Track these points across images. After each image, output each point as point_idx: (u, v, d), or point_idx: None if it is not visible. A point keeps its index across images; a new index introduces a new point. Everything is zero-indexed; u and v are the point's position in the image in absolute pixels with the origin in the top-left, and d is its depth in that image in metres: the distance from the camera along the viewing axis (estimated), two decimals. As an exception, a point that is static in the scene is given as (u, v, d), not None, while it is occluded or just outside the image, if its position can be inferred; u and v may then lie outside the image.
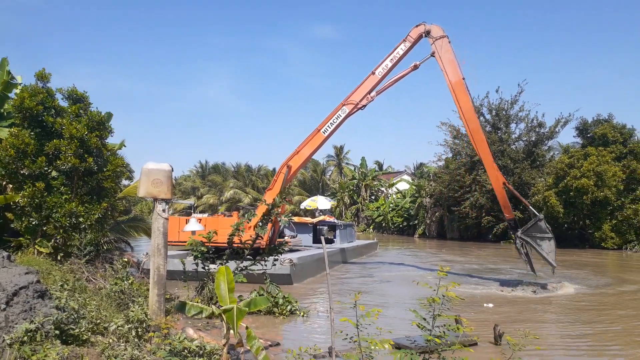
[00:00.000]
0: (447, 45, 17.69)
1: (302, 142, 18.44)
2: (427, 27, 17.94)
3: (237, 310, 6.94)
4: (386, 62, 18.27)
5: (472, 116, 17.98)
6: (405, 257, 28.21)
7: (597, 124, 34.07)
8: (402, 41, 18.27)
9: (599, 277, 18.91)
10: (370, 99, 18.41)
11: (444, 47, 17.65)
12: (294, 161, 18.28)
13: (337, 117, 18.33)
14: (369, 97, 18.35)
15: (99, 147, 12.62)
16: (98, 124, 12.76)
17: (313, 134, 18.42)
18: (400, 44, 18.28)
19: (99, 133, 12.70)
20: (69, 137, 11.89)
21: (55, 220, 11.63)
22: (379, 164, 69.13)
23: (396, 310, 12.33)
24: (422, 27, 18.00)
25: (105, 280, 11.14)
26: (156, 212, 8.93)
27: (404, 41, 18.21)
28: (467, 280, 17.84)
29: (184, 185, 77.77)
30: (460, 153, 41.14)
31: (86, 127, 12.31)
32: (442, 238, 43.45)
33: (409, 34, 18.17)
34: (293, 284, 16.83)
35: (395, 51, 18.27)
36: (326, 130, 18.30)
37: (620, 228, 30.40)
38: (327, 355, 8.05)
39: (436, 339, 4.56)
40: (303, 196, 59.68)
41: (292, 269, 16.65)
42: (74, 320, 6.57)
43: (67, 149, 11.78)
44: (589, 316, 12.22)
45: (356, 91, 18.39)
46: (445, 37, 17.72)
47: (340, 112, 18.32)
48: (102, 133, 12.88)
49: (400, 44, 18.26)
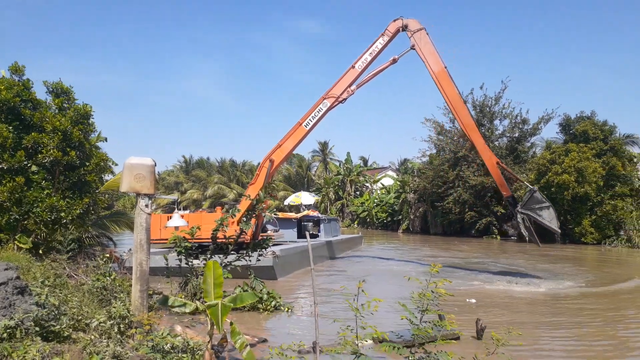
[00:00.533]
0: (426, 37, 18.04)
1: (284, 135, 18.45)
2: (404, 21, 18.33)
3: (222, 306, 6.90)
4: (365, 56, 18.56)
5: (459, 103, 18.40)
6: (389, 252, 28.36)
7: (579, 120, 34.58)
8: (380, 35, 18.61)
9: (580, 272, 19.23)
10: (351, 92, 18.63)
11: (423, 39, 18.02)
12: (277, 155, 18.28)
13: (319, 111, 18.48)
14: (350, 90, 18.57)
15: (82, 140, 12.44)
16: (82, 118, 12.59)
17: (295, 127, 18.46)
18: (378, 38, 18.60)
19: (82, 127, 12.51)
20: (51, 130, 11.69)
21: (36, 215, 11.44)
22: (364, 159, 69.36)
23: (383, 306, 12.39)
24: (400, 22, 18.38)
25: (87, 276, 10.99)
26: (139, 207, 8.81)
27: (382, 35, 18.55)
28: (450, 275, 18.01)
29: (167, 180, 77.09)
30: (444, 149, 41.44)
31: (70, 121, 12.12)
32: (425, 233, 43.76)
33: (387, 28, 18.53)
34: (277, 277, 16.78)
35: (374, 45, 18.60)
36: (308, 124, 18.43)
37: (599, 223, 30.92)
38: (312, 350, 8.06)
39: (422, 333, 4.60)
40: (288, 191, 59.63)
41: (275, 261, 16.58)
42: (55, 316, 6.47)
43: (50, 142, 11.58)
44: (572, 311, 12.42)
45: (337, 85, 18.60)
46: (423, 29, 18.08)
47: (321, 105, 18.51)
48: (85, 127, 12.70)
49: (378, 38, 18.59)
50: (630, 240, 29.31)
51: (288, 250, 18.69)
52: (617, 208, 30.23)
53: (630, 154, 33.64)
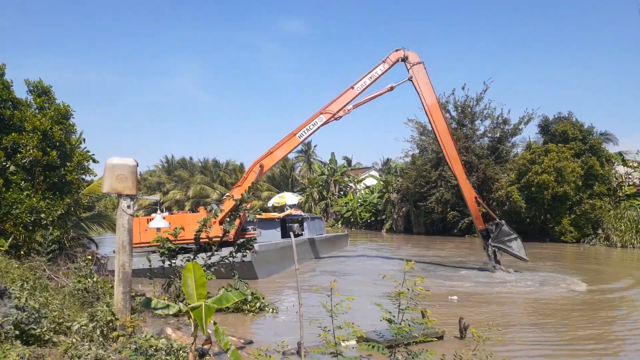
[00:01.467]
0: (423, 71, 19.37)
1: (277, 143, 18.93)
2: (405, 53, 19.46)
3: (205, 307, 6.87)
4: (365, 79, 19.51)
5: (447, 136, 19.67)
6: (373, 251, 28.51)
7: (557, 121, 35.14)
8: (381, 62, 19.63)
9: (561, 269, 19.57)
10: (347, 111, 19.61)
11: (421, 73, 19.33)
12: (267, 161, 18.72)
13: (314, 124, 19.25)
14: (346, 109, 19.54)
15: (62, 140, 12.27)
16: (62, 117, 12.42)
17: (289, 137, 19.07)
18: (379, 64, 19.63)
19: (63, 127, 12.35)
20: (31, 129, 11.51)
21: (15, 216, 11.24)
22: (348, 159, 69.49)
23: (365, 305, 12.45)
24: (402, 53, 19.48)
25: (68, 278, 10.84)
26: (121, 208, 8.72)
27: (383, 62, 19.56)
28: (432, 275, 18.19)
29: (149, 181, 76.25)
30: (426, 149, 41.74)
31: (51, 120, 11.95)
32: (409, 232, 44.08)
33: (389, 57, 19.57)
34: (258, 276, 16.69)
35: (374, 70, 19.59)
36: (301, 135, 19.15)
37: (578, 222, 31.47)
38: (296, 352, 8.07)
39: (403, 332, 4.63)
40: (272, 192, 59.46)
41: (254, 257, 16.43)
42: (35, 320, 6.38)
43: (29, 141, 11.41)
44: (551, 307, 12.64)
45: (334, 102, 19.45)
46: (422, 63, 19.42)
47: (317, 119, 19.25)
48: (66, 127, 12.54)
49: (379, 65, 19.61)
50: (608, 238, 29.92)
51: (267, 246, 18.60)
52: (595, 207, 30.81)
53: (607, 153, 34.31)
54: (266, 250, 17.96)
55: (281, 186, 64.42)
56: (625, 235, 29.23)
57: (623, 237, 29.16)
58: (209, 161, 75.86)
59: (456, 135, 39.14)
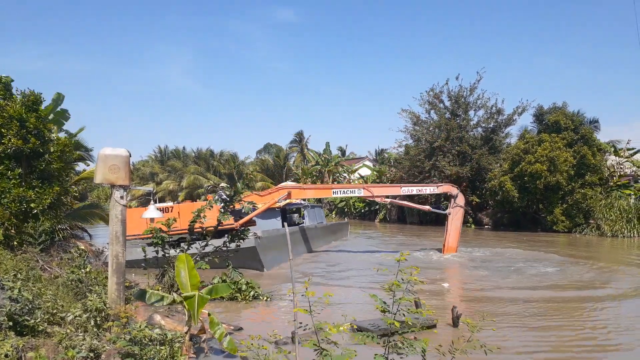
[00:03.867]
0: (461, 214, 21.22)
1: (314, 184, 21.36)
2: (456, 192, 21.28)
3: (198, 297, 6.89)
4: (414, 189, 21.72)
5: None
6: (367, 241, 28.60)
7: (551, 111, 35.20)
8: (433, 185, 22.70)
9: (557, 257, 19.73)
10: (383, 200, 23.28)
11: (458, 214, 21.08)
12: (295, 193, 20.29)
13: (351, 192, 21.38)
14: (383, 198, 22.59)
15: (39, 127, 12.17)
16: (34, 104, 12.32)
17: (326, 187, 22.17)
18: (431, 186, 22.66)
19: (37, 114, 12.25)
20: (8, 117, 11.44)
21: (4, 206, 11.18)
22: (342, 149, 69.40)
23: (361, 296, 12.53)
24: (455, 190, 21.30)
25: (62, 269, 10.81)
26: (114, 199, 8.69)
27: (436, 186, 22.09)
28: (425, 265, 18.29)
29: (142, 171, 75.80)
30: (420, 139, 41.77)
31: (23, 108, 11.87)
32: (402, 222, 44.25)
33: (443, 186, 21.96)
34: (264, 264, 16.69)
35: (425, 188, 22.47)
36: (336, 192, 21.14)
37: (570, 212, 31.69)
38: (290, 341, 8.11)
39: (396, 323, 4.65)
40: (266, 182, 59.34)
41: (257, 242, 16.52)
42: (29, 310, 6.37)
43: (8, 129, 11.34)
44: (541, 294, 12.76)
45: (380, 187, 22.97)
46: (463, 208, 21.51)
47: (357, 190, 21.21)
48: (40, 113, 12.44)
49: (431, 186, 22.49)
50: (599, 228, 30.17)
51: (270, 232, 18.58)
52: (587, 197, 31.01)
53: (599, 143, 34.45)
54: (269, 237, 17.96)
55: (275, 176, 64.29)
56: (615, 225, 29.49)
57: (614, 227, 29.43)
58: (203, 151, 75.49)
59: (450, 125, 39.25)
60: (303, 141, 70.48)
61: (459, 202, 21.02)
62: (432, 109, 41.59)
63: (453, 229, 20.82)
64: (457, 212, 20.96)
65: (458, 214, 20.96)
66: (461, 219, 21.22)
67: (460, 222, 21.17)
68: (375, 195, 21.26)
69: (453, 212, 20.90)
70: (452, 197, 21.11)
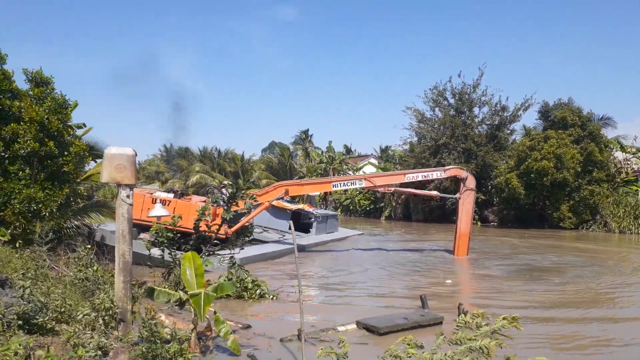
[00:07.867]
0: (472, 197, 19.83)
1: (311, 179, 20.05)
2: (465, 174, 19.80)
3: (204, 295, 6.95)
4: (419, 175, 20.46)
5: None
6: (374, 239, 28.57)
7: (557, 107, 35.04)
8: (440, 169, 20.68)
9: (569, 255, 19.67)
10: (386, 189, 21.23)
11: (469, 198, 19.76)
12: (293, 189, 19.15)
13: (352, 183, 20.00)
14: (386, 188, 20.96)
15: (60, 130, 12.22)
16: (60, 107, 12.36)
17: (325, 181, 20.21)
18: (437, 170, 20.77)
19: (61, 116, 12.29)
20: (28, 120, 11.48)
21: (14, 207, 11.25)
22: (347, 147, 69.36)
23: (365, 293, 12.54)
24: (463, 173, 19.84)
25: (69, 268, 10.88)
26: (120, 198, 8.73)
27: (442, 170, 20.32)
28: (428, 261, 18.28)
29: (147, 170, 76.14)
30: (424, 137, 41.68)
31: (47, 111, 11.90)
32: (407, 220, 44.18)
33: (449, 169, 20.39)
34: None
35: (431, 173, 20.87)
36: (336, 186, 19.82)
37: (577, 209, 31.56)
38: (296, 338, 8.14)
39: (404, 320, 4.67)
40: (271, 180, 59.41)
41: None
42: (39, 309, 6.43)
43: (27, 132, 11.38)
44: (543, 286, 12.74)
45: (382, 177, 20.84)
46: (474, 190, 19.95)
47: (357, 181, 19.85)
48: (64, 116, 12.48)
49: (437, 171, 20.69)
50: (606, 224, 30.03)
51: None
52: (594, 193, 30.87)
53: (606, 139, 34.27)
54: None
55: (280, 174, 64.36)
56: (623, 221, 29.35)
57: (621, 223, 29.28)
58: (208, 149, 75.65)
59: (454, 122, 39.12)
60: (308, 139, 70.51)
61: (469, 184, 19.73)
62: (437, 107, 41.49)
63: (464, 212, 19.64)
64: (468, 195, 19.73)
65: (469, 197, 19.74)
66: (472, 202, 19.99)
67: (472, 206, 19.97)
68: (378, 185, 19.97)
69: (464, 196, 19.66)
70: (461, 180, 19.92)
